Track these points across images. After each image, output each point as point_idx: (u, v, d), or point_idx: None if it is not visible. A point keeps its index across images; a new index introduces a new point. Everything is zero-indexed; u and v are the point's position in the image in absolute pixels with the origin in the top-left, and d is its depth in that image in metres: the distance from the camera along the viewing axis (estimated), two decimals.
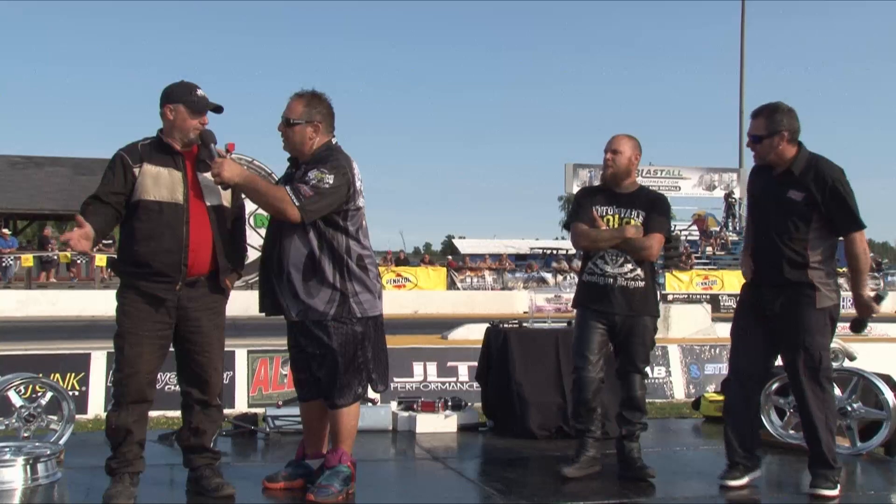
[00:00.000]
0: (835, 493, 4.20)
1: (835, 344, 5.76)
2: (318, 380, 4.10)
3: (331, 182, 3.95)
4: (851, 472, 4.95)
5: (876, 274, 28.49)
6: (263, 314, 4.20)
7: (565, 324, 6.20)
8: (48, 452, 4.40)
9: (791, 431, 5.46)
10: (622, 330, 4.59)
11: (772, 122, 4.26)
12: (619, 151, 4.63)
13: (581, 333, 4.65)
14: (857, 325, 4.39)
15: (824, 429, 4.24)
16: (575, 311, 4.80)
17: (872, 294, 4.32)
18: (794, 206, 4.22)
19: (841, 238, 4.31)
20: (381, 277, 4.31)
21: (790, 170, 4.28)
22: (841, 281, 4.50)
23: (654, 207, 4.65)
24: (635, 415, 4.61)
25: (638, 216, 4.61)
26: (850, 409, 5.23)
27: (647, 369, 4.69)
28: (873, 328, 15.34)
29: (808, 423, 4.27)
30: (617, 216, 4.62)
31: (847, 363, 5.71)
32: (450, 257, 33.59)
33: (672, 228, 32.49)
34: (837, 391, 5.32)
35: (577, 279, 4.86)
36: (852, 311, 4.39)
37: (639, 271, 4.59)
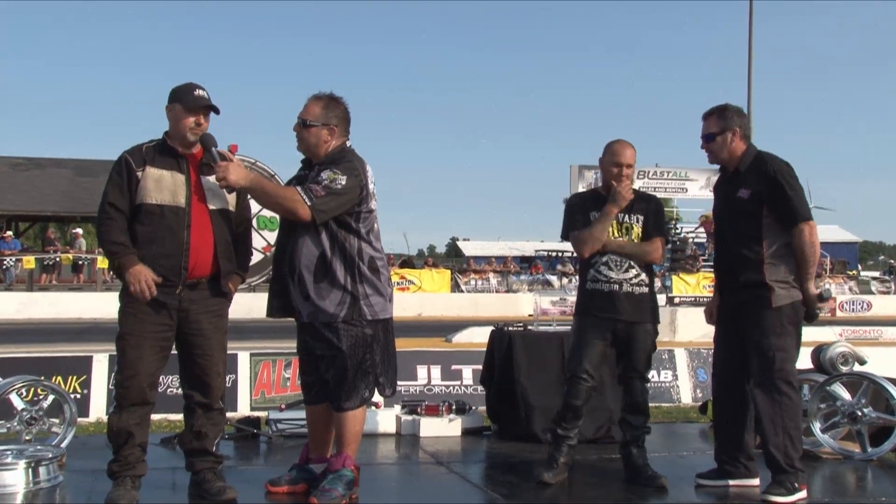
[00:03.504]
0: (787, 499, 4.10)
1: (845, 348, 5.71)
2: (326, 383, 4.06)
3: (343, 183, 3.92)
4: (862, 477, 4.90)
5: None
6: (267, 317, 4.17)
7: (570, 327, 6.13)
8: (50, 456, 4.37)
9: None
10: (626, 336, 4.54)
11: (724, 120, 4.34)
12: (632, 164, 4.58)
13: (581, 343, 4.58)
14: (808, 318, 4.33)
15: (775, 432, 4.16)
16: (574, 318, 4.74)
17: (817, 291, 4.25)
18: (742, 204, 4.25)
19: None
20: (391, 281, 4.27)
21: (738, 168, 4.33)
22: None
23: (652, 211, 4.66)
24: (639, 419, 4.57)
25: (637, 221, 4.61)
26: (860, 413, 5.17)
27: (649, 374, 4.64)
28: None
29: (760, 425, 4.23)
30: (616, 222, 4.58)
31: (857, 367, 5.64)
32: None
33: (679, 231, 32.37)
34: (847, 395, 5.28)
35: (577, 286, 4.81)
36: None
37: (643, 276, 4.57)
